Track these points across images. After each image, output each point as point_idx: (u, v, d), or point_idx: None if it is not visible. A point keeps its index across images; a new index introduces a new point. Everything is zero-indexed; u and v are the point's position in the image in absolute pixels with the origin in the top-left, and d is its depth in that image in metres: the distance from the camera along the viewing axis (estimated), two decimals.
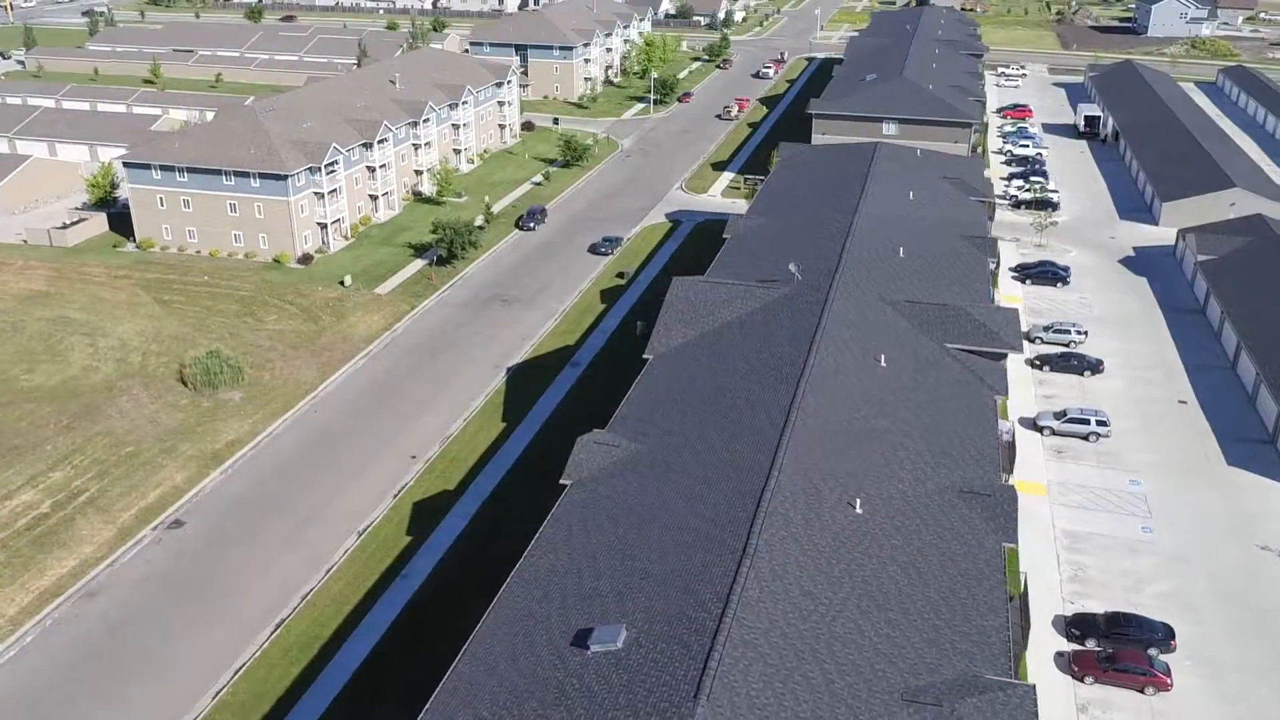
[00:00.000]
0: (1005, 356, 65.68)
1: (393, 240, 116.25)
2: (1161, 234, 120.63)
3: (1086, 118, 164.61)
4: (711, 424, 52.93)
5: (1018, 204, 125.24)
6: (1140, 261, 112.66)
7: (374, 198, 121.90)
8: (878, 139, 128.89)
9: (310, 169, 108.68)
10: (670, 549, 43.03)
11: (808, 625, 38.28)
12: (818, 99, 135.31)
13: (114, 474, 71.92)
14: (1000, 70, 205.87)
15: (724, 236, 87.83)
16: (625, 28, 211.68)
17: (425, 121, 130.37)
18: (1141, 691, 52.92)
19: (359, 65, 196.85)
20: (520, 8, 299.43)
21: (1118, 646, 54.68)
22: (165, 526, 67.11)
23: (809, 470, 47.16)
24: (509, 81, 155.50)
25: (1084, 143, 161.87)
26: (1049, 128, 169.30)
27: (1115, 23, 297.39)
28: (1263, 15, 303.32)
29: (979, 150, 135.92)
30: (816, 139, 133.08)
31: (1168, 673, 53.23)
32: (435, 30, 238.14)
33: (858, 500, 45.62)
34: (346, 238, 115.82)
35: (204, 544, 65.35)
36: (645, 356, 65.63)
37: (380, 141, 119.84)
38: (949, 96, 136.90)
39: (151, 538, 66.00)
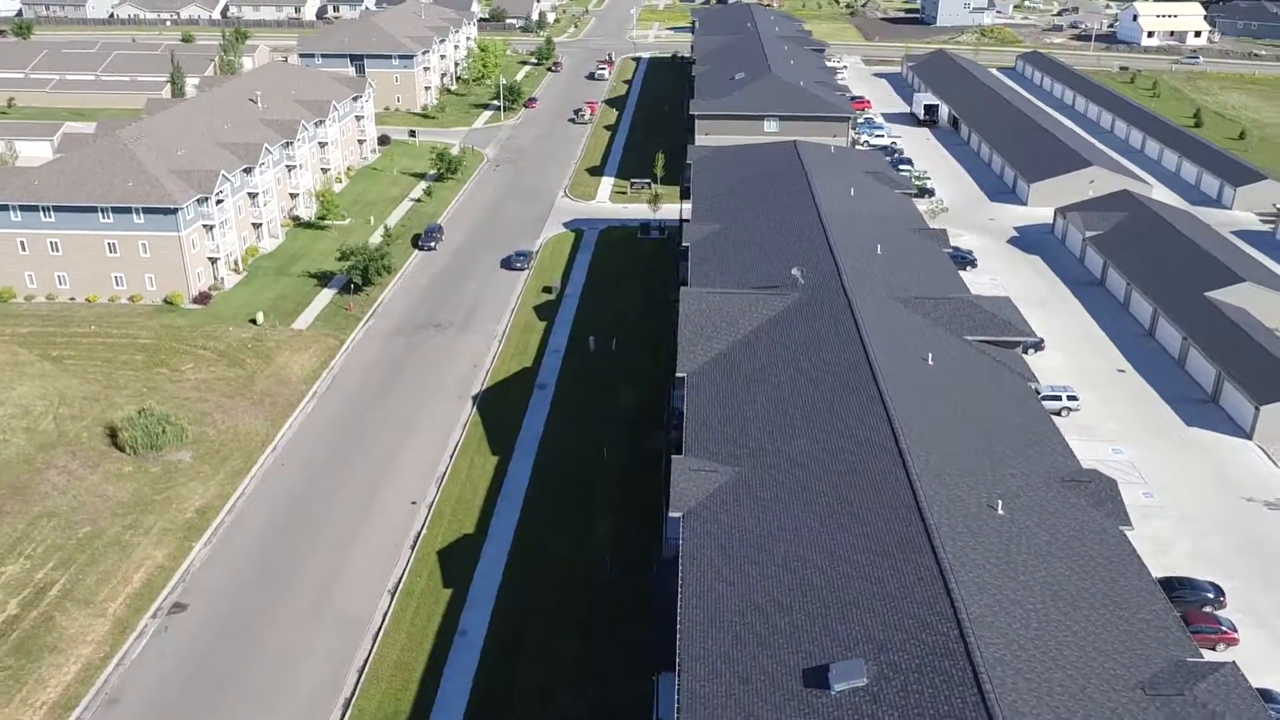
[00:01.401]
0: (1017, 345, 68.06)
1: (288, 271, 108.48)
2: (1031, 214, 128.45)
3: (926, 106, 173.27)
4: (809, 438, 52.05)
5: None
6: (1026, 241, 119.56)
7: (256, 226, 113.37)
8: (759, 136, 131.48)
9: (200, 200, 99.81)
10: (848, 574, 41.95)
11: (1032, 633, 38.22)
12: (697, 100, 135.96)
13: (80, 560, 63.57)
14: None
15: (683, 245, 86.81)
16: (456, 33, 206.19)
17: (298, 141, 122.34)
18: (1212, 649, 56.04)
19: (173, 83, 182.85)
20: (319, 16, 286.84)
21: (1181, 609, 57.60)
22: (166, 612, 59.93)
23: (940, 477, 47.17)
24: (367, 95, 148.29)
25: (926, 131, 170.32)
26: (888, 117, 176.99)
27: (903, 14, 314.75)
28: (1028, 4, 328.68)
29: (854, 144, 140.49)
30: (700, 139, 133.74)
31: (1233, 628, 56.63)
32: (238, 41, 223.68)
33: (999, 502, 46.00)
34: (238, 271, 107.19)
35: (219, 626, 58.79)
36: (679, 375, 63.86)
37: (260, 165, 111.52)
38: (820, 92, 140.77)
39: (155, 627, 58.82)
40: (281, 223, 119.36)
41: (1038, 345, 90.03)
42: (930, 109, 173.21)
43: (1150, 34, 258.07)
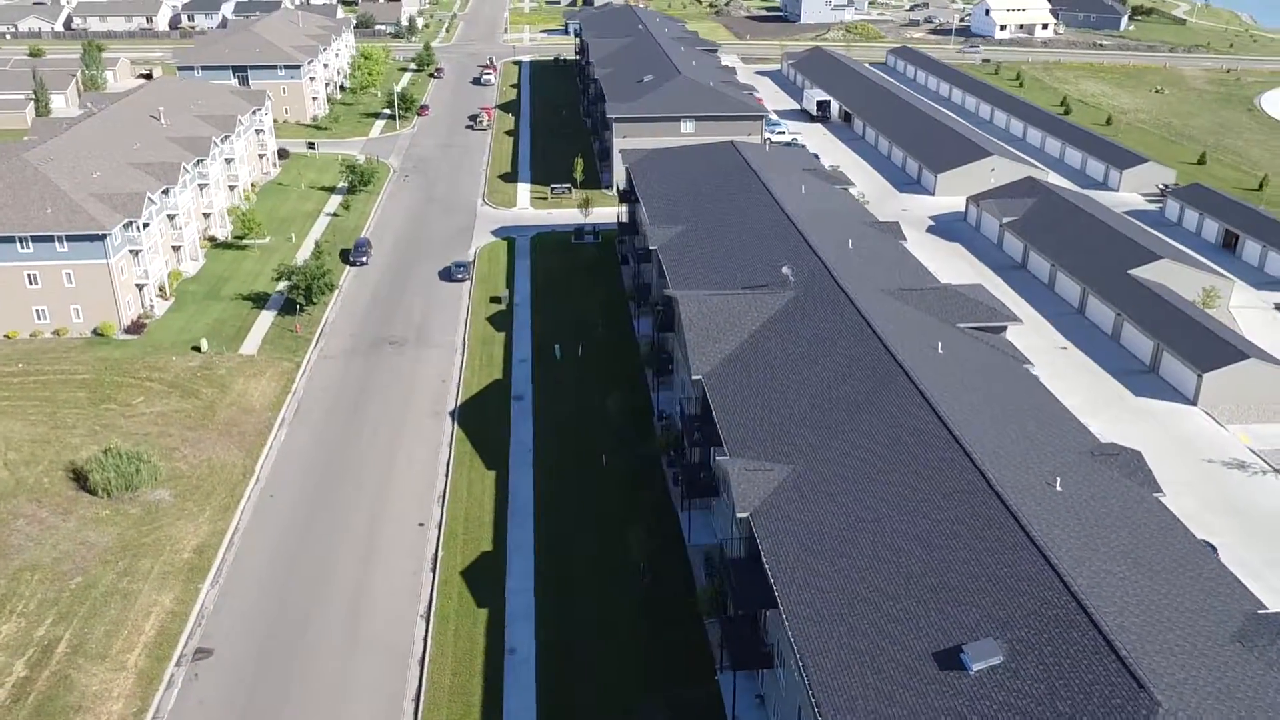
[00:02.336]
0: (1004, 329, 71.36)
1: (218, 294, 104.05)
2: (940, 203, 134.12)
3: (818, 102, 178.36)
4: (856, 431, 53.54)
5: None
6: (942, 230, 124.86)
7: (176, 249, 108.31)
8: (676, 138, 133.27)
9: (126, 224, 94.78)
10: (945, 558, 43.54)
11: (1132, 599, 40.50)
12: (612, 103, 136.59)
13: (80, 612, 59.88)
14: None
15: (650, 248, 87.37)
16: (336, 40, 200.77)
17: (209, 159, 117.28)
18: None
19: (36, 100, 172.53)
20: (172, 26, 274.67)
21: None
22: (191, 659, 57.11)
23: (997, 459, 49.33)
24: (266, 108, 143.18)
25: (819, 126, 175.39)
26: (780, 114, 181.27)
27: (766, 12, 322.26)
28: (880, 0, 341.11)
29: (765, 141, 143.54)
30: (618, 142, 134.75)
31: None
32: (97, 53, 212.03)
33: (1057, 480, 48.47)
34: (165, 297, 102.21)
35: (253, 668, 56.41)
36: (695, 377, 64.53)
37: (180, 185, 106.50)
38: (729, 91, 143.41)
39: (183, 675, 55.99)
40: (199, 244, 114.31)
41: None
42: (822, 105, 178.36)
43: (1003, 27, 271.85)
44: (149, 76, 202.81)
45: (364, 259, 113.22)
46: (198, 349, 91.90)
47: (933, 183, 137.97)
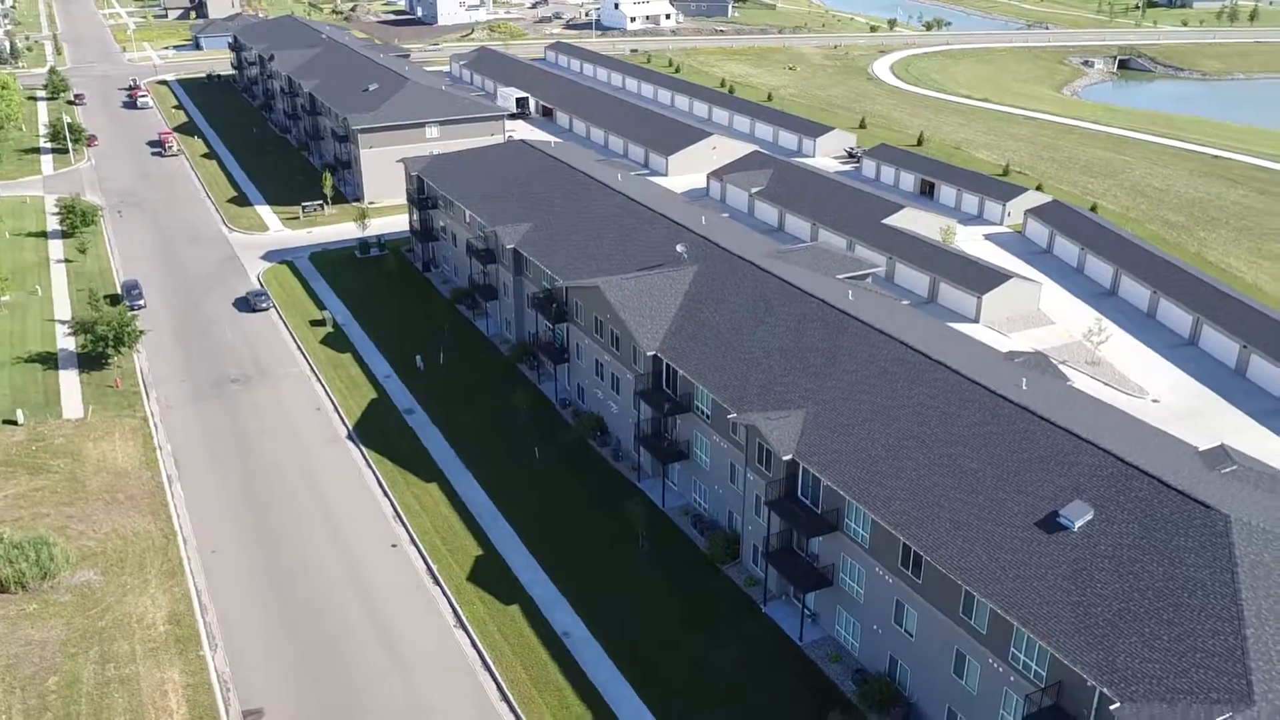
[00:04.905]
0: (867, 276, 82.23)
1: None
2: (677, 183, 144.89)
3: (517, 99, 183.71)
4: (843, 371, 61.11)
5: None
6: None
7: None
8: (420, 144, 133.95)
9: None
10: (993, 453, 52.34)
11: (1144, 448, 51.63)
12: (357, 114, 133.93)
13: (82, 711, 54.08)
14: None
15: (507, 246, 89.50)
16: None
17: None
18: None
19: None
20: None
21: None
22: (248, 718, 53.98)
23: (974, 372, 59.08)
24: None
25: (520, 123, 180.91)
26: None
27: (397, 16, 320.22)
28: None
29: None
30: (365, 153, 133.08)
31: None
32: None
33: (1022, 380, 59.16)
34: None
35: (318, 714, 54.32)
36: (649, 353, 69.14)
37: None
38: (461, 93, 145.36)
39: None
40: None
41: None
42: (521, 101, 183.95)
43: (633, 19, 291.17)
44: None
45: (141, 301, 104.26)
46: (13, 421, 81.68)
47: (664, 165, 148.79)
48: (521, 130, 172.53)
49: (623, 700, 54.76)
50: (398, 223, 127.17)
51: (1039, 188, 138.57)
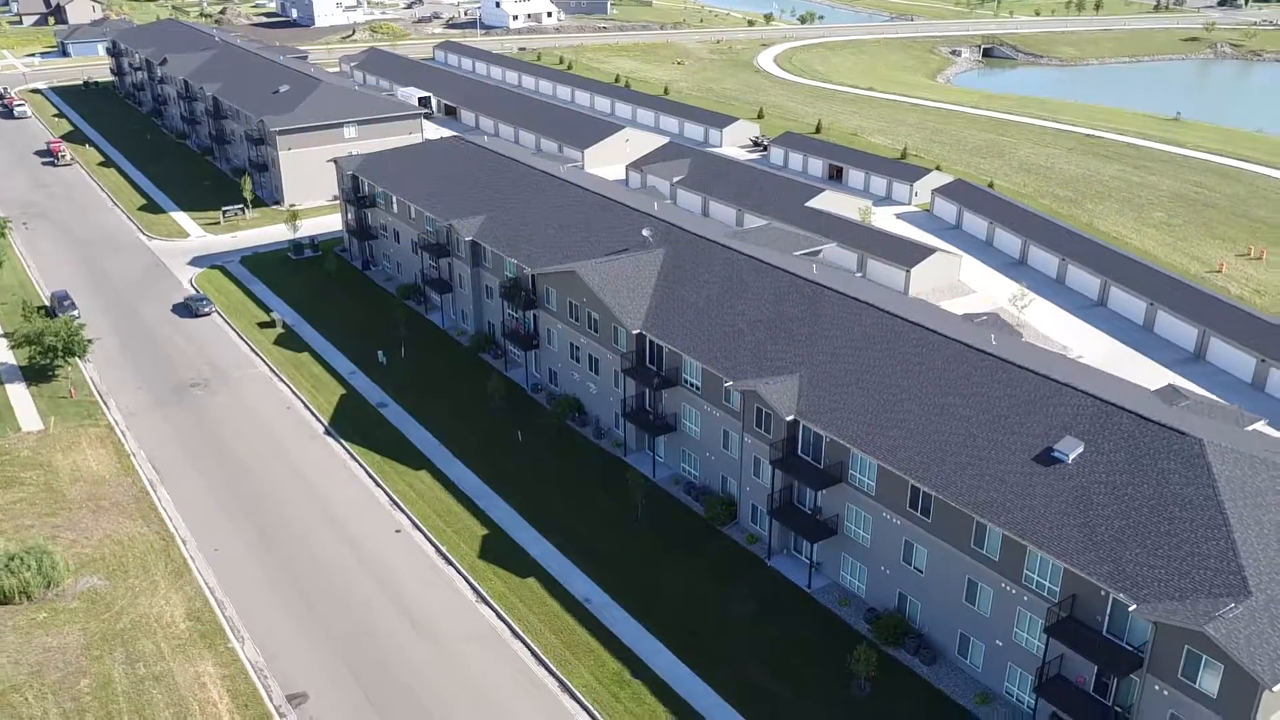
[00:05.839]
0: (819, 252, 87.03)
1: None
2: (595, 175, 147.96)
3: (419, 99, 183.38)
4: (826, 338, 65.51)
5: None
6: None
7: None
8: (340, 144, 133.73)
9: None
10: (985, 401, 57.43)
11: (1117, 386, 57.49)
12: (273, 116, 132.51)
13: (123, 709, 54.25)
14: None
15: (465, 238, 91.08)
16: None
17: None
18: None
19: None
20: None
21: None
22: (294, 702, 54.97)
23: (950, 331, 64.26)
24: None
25: (423, 121, 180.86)
26: None
27: (269, 18, 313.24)
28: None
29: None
30: (283, 154, 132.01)
31: None
32: None
33: (991, 336, 64.64)
34: None
35: (360, 695, 55.77)
36: (635, 332, 72.27)
37: None
38: (372, 93, 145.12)
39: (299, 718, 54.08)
40: None
41: None
42: (423, 101, 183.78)
43: (515, 17, 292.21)
44: None
45: (75, 312, 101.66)
46: None
47: (580, 159, 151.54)
48: (427, 130, 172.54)
49: (656, 654, 57.86)
50: (322, 224, 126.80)
51: (938, 168, 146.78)
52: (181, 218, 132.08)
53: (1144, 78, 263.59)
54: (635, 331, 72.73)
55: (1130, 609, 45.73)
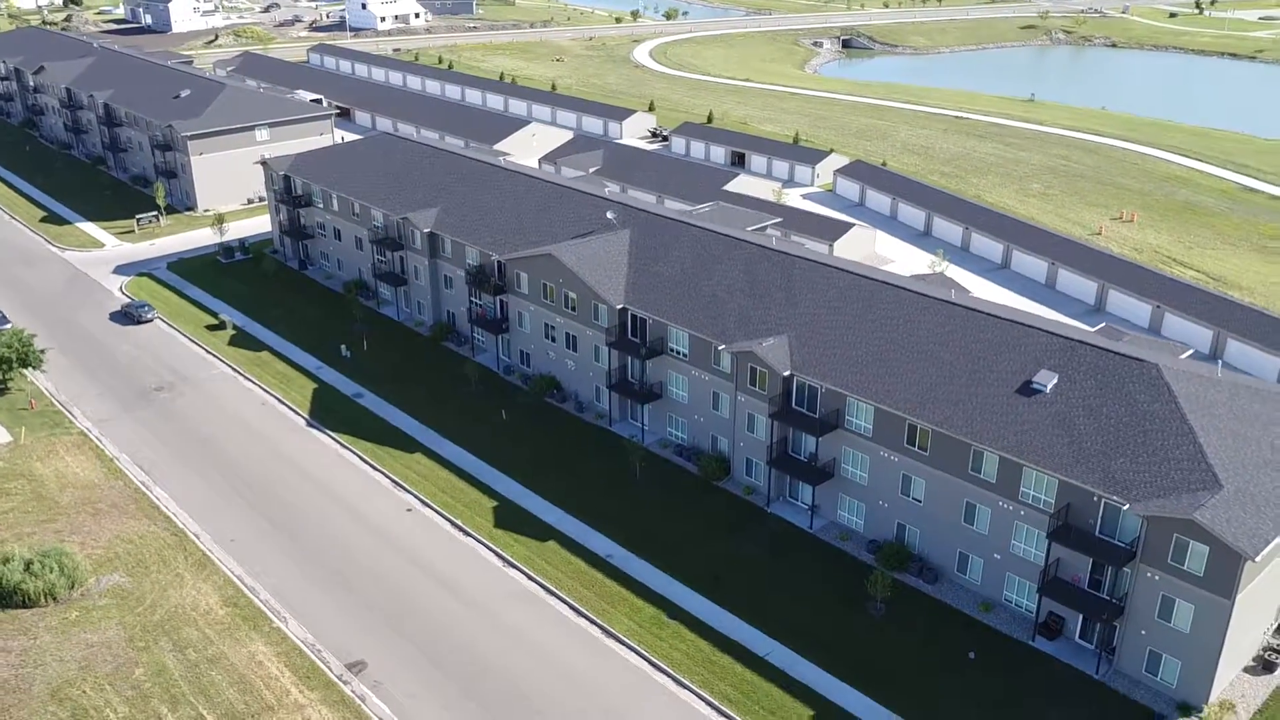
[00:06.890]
0: (766, 227, 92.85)
1: None
2: None
3: (311, 101, 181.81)
4: (808, 301, 71.14)
5: None
6: None
7: None
8: (250, 146, 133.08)
9: None
10: (967, 347, 64.10)
11: (1083, 332, 65.11)
12: (182, 121, 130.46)
13: (186, 691, 55.61)
14: None
15: (423, 231, 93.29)
16: None
17: None
18: None
19: None
20: None
21: None
22: (354, 670, 57.34)
23: (920, 289, 70.87)
24: None
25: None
26: None
27: (119, 26, 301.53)
28: (227, 4, 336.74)
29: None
30: (195, 159, 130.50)
31: None
32: None
33: (951, 291, 71.56)
34: None
35: (421, 658, 58.54)
36: (619, 307, 76.45)
37: None
38: (280, 94, 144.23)
39: (354, 690, 56.35)
40: None
41: None
42: (315, 103, 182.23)
43: (383, 19, 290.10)
44: None
45: (7, 325, 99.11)
46: None
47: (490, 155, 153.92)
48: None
49: (687, 597, 62.48)
50: (242, 227, 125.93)
51: (832, 152, 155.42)
52: (90, 228, 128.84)
53: (990, 63, 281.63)
54: (619, 306, 76.94)
55: (1124, 508, 52.93)
